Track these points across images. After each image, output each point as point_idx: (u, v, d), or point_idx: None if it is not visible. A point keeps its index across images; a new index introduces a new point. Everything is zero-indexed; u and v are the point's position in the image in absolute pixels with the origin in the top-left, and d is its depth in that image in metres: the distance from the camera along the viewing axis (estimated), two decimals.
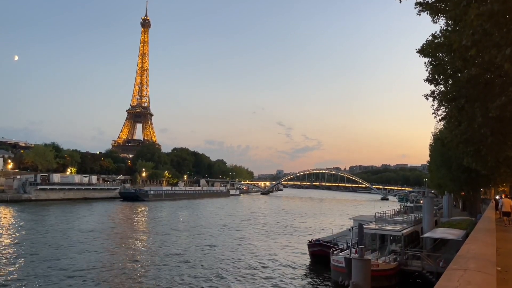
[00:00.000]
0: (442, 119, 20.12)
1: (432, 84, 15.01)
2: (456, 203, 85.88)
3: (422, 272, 25.08)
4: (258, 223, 61.45)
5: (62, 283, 24.00)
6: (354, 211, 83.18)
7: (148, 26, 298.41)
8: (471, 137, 18.79)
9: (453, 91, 14.27)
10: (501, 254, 8.97)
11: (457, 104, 14.36)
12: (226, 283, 25.12)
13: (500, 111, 12.81)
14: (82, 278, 25.10)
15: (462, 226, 30.88)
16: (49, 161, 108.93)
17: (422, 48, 15.44)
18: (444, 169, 49.14)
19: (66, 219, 57.13)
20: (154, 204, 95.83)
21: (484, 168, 22.74)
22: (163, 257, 32.46)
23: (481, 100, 13.74)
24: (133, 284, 24.29)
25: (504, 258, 8.85)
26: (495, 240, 9.64)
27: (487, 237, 9.60)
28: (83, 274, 26.05)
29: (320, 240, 32.14)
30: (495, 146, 17.43)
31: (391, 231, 28.37)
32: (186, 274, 26.94)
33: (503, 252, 9.71)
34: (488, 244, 9.04)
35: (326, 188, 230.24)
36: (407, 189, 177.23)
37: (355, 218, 38.62)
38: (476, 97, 13.88)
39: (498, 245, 11.09)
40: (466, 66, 12.20)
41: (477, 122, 14.37)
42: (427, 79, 14.62)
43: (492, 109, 12.49)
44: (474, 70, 12.06)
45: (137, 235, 44.91)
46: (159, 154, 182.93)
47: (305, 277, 27.14)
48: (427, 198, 33.70)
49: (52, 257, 30.86)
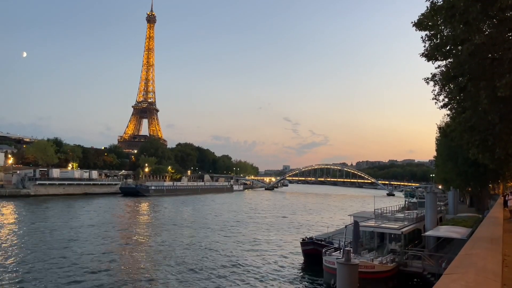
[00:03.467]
0: (444, 106, 18.00)
1: (430, 61, 12.90)
2: (464, 199, 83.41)
3: (423, 273, 23.06)
4: (256, 219, 59.62)
5: (58, 279, 23.17)
6: (358, 207, 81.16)
7: (153, 21, 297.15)
8: (476, 124, 16.64)
9: (454, 67, 12.17)
10: (509, 266, 7.00)
11: (459, 84, 12.31)
12: (209, 282, 23.36)
13: (511, 90, 10.73)
14: (76, 276, 24.05)
15: (468, 223, 28.74)
16: (50, 156, 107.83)
17: (419, 21, 13.35)
18: (451, 163, 46.92)
19: (59, 215, 55.85)
20: (155, 200, 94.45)
21: (492, 161, 20.50)
22: (152, 254, 31.28)
23: (487, 78, 11.64)
24: (123, 281, 23.19)
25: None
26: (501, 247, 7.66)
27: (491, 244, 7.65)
28: (76, 271, 25.08)
29: (313, 238, 30.15)
30: (504, 135, 15.27)
31: (390, 229, 26.26)
32: (173, 272, 25.44)
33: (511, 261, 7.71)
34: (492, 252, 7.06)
35: (332, 183, 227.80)
36: (413, 185, 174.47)
37: (355, 215, 36.54)
38: (481, 74, 11.78)
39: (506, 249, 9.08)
40: (469, 33, 10.15)
41: (482, 105, 12.27)
42: (424, 54, 12.50)
43: (500, 88, 10.40)
44: (478, 38, 9.96)
45: (132, 231, 43.34)
46: (163, 150, 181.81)
47: (295, 279, 25.18)
48: (430, 194, 31.50)
49: (46, 253, 30.12)
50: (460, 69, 11.74)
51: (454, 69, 12.09)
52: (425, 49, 12.70)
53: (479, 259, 5.77)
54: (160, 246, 35.08)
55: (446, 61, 13.09)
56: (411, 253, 24.58)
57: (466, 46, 10.19)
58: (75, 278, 23.47)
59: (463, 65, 11.64)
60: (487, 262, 6.02)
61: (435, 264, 22.73)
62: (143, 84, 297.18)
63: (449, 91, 14.17)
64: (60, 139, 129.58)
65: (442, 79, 13.09)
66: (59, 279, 23.19)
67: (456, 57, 12.04)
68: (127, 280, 23.45)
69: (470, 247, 5.47)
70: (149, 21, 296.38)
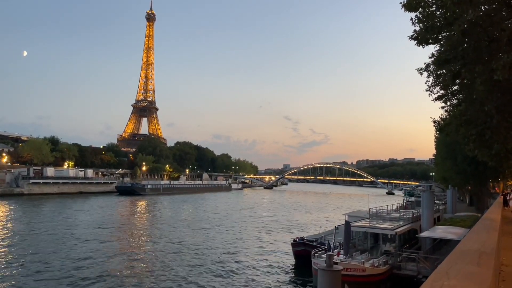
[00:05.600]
0: (439, 98, 16.70)
1: (420, 45, 11.59)
2: (464, 197, 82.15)
3: (417, 277, 21.76)
4: (250, 218, 58.37)
5: (47, 281, 22.54)
6: (357, 206, 79.77)
7: (153, 20, 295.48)
8: (472, 117, 15.37)
9: (446, 50, 10.86)
10: (506, 280, 5.72)
11: (452, 68, 11.02)
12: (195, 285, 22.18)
13: (509, 73, 9.42)
14: (69, 276, 23.47)
15: (466, 223, 27.44)
16: (45, 154, 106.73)
17: (408, 1, 12.03)
18: (449, 161, 45.70)
19: (50, 215, 54.71)
20: (150, 199, 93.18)
21: (490, 158, 19.17)
22: (139, 254, 30.34)
23: (482, 61, 10.34)
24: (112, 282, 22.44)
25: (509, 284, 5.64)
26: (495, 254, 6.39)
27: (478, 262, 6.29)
28: (65, 272, 24.38)
29: (304, 238, 28.85)
30: (502, 129, 13.98)
31: (384, 229, 24.98)
32: (159, 274, 24.32)
33: (510, 273, 6.41)
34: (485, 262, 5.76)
35: (332, 182, 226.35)
36: (413, 183, 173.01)
37: (350, 214, 35.32)
38: (476, 58, 10.48)
39: (504, 257, 7.80)
40: (461, 10, 8.85)
41: (477, 93, 10.97)
42: (413, 37, 11.19)
43: (497, 70, 9.09)
44: (472, 13, 8.67)
45: (121, 231, 42.09)
46: (161, 148, 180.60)
47: (284, 282, 23.91)
48: (426, 192, 30.19)
49: (35, 253, 29.61)
50: (453, 52, 10.44)
51: (446, 52, 10.78)
52: (415, 31, 11.39)
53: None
54: (148, 245, 34.01)
55: (439, 45, 11.78)
56: (405, 255, 23.29)
57: (458, 23, 8.90)
58: (64, 279, 22.85)
59: (456, 48, 10.34)
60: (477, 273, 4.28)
61: (430, 267, 21.46)
62: (142, 83, 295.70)
63: (443, 79, 12.86)
64: (57, 138, 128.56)
65: (434, 64, 11.78)
66: (49, 280, 22.66)
67: (449, 39, 10.75)
68: (116, 281, 22.70)
69: (443, 273, 3.23)
70: (148, 19, 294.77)
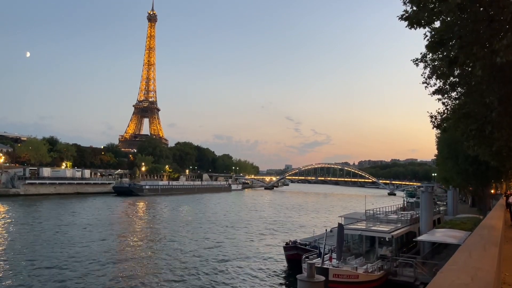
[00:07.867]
0: (436, 92, 15.39)
1: (412, 27, 10.26)
2: (466, 198, 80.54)
3: (414, 283, 20.44)
4: (247, 219, 57.05)
5: (44, 282, 22.00)
6: (356, 207, 78.29)
7: (154, 20, 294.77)
8: (472, 111, 14.07)
9: (442, 30, 9.54)
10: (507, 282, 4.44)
11: (448, 52, 9.73)
12: None
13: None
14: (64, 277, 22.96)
15: (467, 226, 26.06)
16: (43, 154, 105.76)
17: None
18: (451, 161, 44.27)
19: (46, 215, 53.62)
20: (148, 199, 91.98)
21: (490, 156, 17.82)
22: (127, 255, 29.59)
23: (482, 43, 9.05)
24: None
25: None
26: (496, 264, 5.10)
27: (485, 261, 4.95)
28: (59, 273, 23.87)
29: (297, 242, 27.52)
30: (504, 124, 12.63)
31: (379, 232, 23.62)
32: (151, 276, 23.47)
33: None
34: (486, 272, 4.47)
35: (333, 183, 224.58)
36: (415, 184, 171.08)
37: (345, 216, 33.93)
38: (475, 39, 9.18)
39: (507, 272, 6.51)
40: None
41: (476, 79, 9.67)
42: (404, 17, 9.87)
43: (500, 51, 7.81)
44: None
45: (114, 233, 40.87)
46: (161, 148, 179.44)
47: (274, 287, 22.63)
48: (425, 193, 28.78)
49: (27, 253, 29.30)
50: (449, 31, 9.14)
51: (441, 32, 9.47)
52: (405, 11, 10.08)
53: None
54: (141, 247, 33.15)
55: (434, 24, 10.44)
56: (401, 260, 21.95)
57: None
58: (58, 280, 22.41)
59: (452, 27, 9.04)
60: None
61: (428, 273, 20.16)
62: (144, 83, 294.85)
63: (439, 66, 11.55)
64: (56, 138, 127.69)
65: (427, 48, 10.46)
66: (43, 281, 22.11)
67: (444, 19, 9.46)
68: (110, 282, 22.12)
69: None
70: (150, 20, 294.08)
